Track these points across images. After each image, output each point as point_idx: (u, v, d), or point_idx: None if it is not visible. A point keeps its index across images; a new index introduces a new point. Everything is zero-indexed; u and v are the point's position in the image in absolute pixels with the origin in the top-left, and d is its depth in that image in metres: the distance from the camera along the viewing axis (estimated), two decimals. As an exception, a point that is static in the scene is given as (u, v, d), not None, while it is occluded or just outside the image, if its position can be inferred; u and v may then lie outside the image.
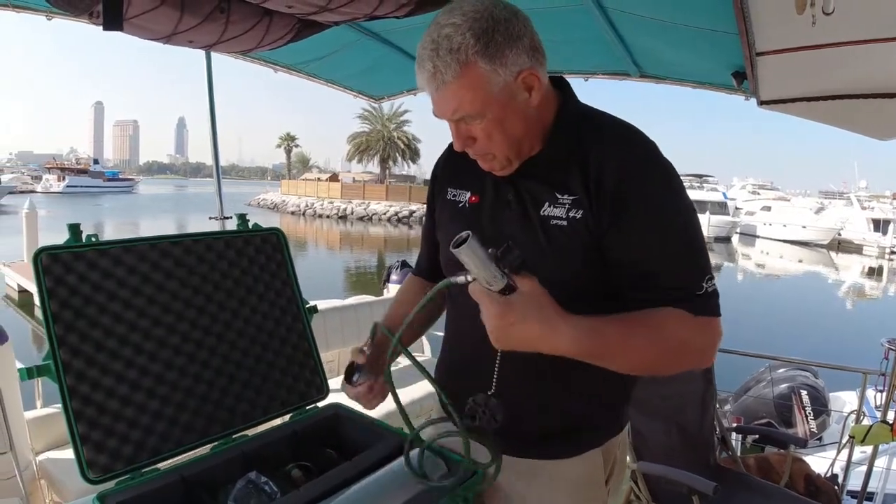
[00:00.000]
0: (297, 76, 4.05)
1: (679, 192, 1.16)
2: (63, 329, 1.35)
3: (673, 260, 1.14)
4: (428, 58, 1.10)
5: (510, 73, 1.11)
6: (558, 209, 1.19)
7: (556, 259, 1.19)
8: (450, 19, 1.09)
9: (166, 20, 1.92)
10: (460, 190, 1.39)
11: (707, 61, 3.25)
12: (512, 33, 1.10)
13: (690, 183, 44.03)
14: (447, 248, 1.22)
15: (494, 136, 1.17)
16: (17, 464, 2.38)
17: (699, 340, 1.16)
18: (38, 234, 16.45)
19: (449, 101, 1.13)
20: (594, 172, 1.15)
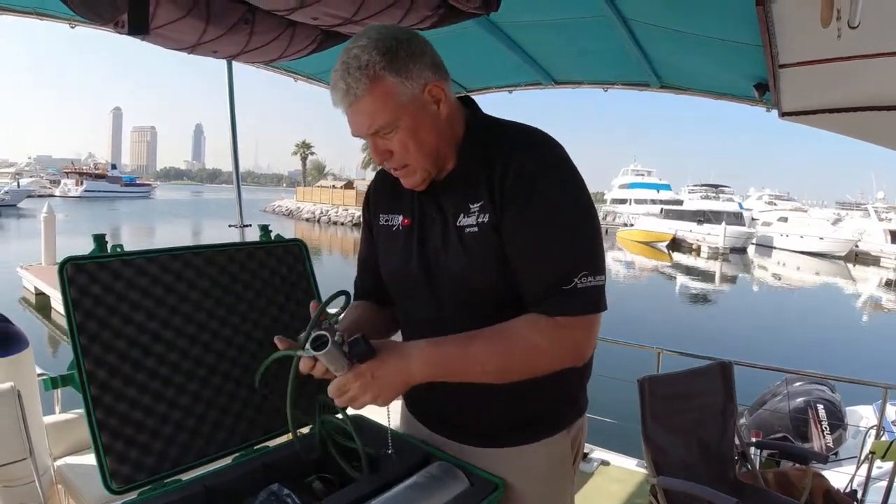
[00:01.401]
0: (318, 85, 4.07)
1: (571, 190, 1.23)
2: (87, 339, 1.35)
3: (543, 253, 1.21)
4: (340, 77, 1.19)
5: (417, 85, 1.21)
6: (470, 217, 1.28)
7: (476, 266, 1.28)
8: (357, 43, 1.20)
9: (191, 31, 1.93)
10: (392, 214, 1.46)
11: (729, 73, 3.23)
12: (414, 50, 1.21)
13: (706, 193, 43.80)
14: (389, 269, 1.47)
15: (410, 146, 1.25)
16: (35, 469, 2.39)
17: (553, 341, 1.20)
18: (55, 237, 16.65)
19: (363, 115, 1.21)
20: (498, 176, 1.24)
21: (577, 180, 1.25)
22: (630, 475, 3.53)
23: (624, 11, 2.75)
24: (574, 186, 1.23)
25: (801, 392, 5.62)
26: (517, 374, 1.25)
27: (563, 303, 1.18)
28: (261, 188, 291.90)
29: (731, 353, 3.36)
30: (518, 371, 1.25)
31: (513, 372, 1.25)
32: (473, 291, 1.30)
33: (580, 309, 1.19)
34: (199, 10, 1.85)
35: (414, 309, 1.45)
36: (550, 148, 1.27)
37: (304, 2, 1.61)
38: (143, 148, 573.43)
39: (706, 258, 35.67)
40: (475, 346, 1.21)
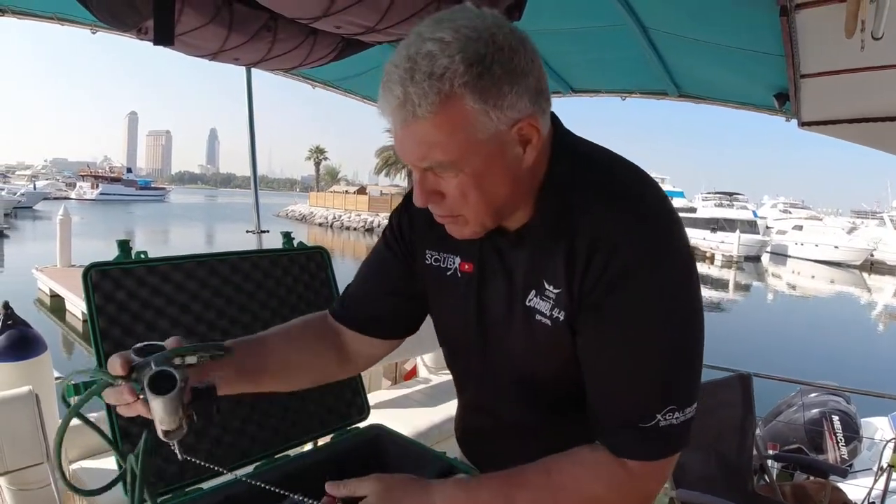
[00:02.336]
0: (335, 92, 4.10)
1: (674, 295, 0.91)
2: (111, 346, 1.36)
3: (624, 381, 0.93)
4: (398, 80, 0.83)
5: (505, 118, 0.85)
6: (543, 302, 0.99)
7: (541, 359, 1.04)
8: (436, 32, 0.82)
9: (214, 38, 1.94)
10: (445, 253, 1.14)
11: (749, 82, 3.22)
12: (516, 67, 0.84)
13: (720, 201, 43.60)
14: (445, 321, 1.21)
15: (470, 195, 0.91)
16: (52, 473, 2.40)
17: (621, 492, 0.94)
18: (71, 239, 16.81)
19: (418, 142, 0.87)
20: (580, 264, 0.92)
21: (684, 276, 0.92)
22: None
23: (644, 20, 2.74)
24: (680, 288, 0.92)
25: (817, 403, 5.56)
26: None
27: (638, 443, 0.91)
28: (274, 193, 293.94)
29: (744, 364, 3.34)
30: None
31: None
32: (533, 379, 1.07)
33: (658, 453, 0.92)
34: (223, 17, 1.86)
35: (464, 367, 1.25)
36: (656, 225, 0.92)
37: (328, 10, 1.61)
38: (158, 152, 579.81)
39: (720, 266, 35.51)
40: (519, 499, 0.95)
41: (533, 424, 1.14)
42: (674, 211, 0.96)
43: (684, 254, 0.93)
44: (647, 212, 0.93)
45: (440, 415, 3.33)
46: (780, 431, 5.48)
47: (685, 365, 0.93)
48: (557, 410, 1.08)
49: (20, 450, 2.31)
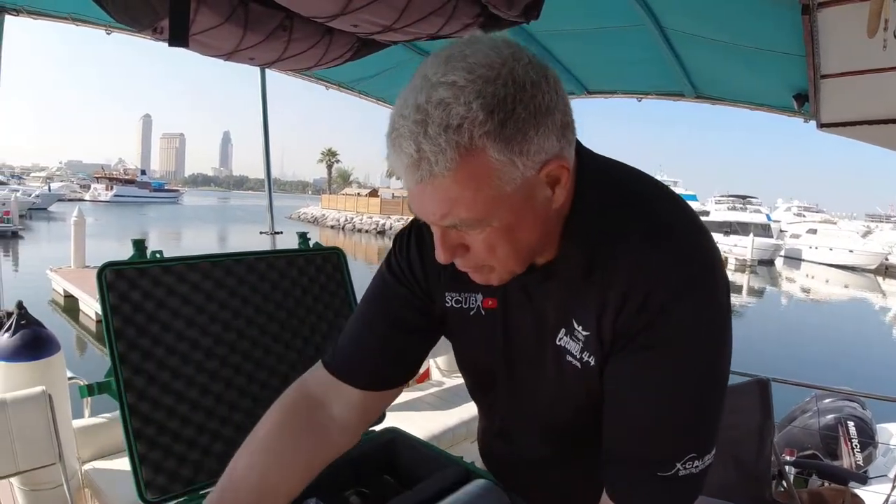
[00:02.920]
0: (348, 94, 4.09)
1: (696, 348, 0.83)
2: (125, 346, 1.35)
3: (645, 426, 0.86)
4: (409, 134, 0.71)
5: (533, 164, 0.74)
6: (573, 343, 0.92)
7: (570, 400, 0.97)
8: (447, 75, 0.71)
9: (230, 37, 1.93)
10: (467, 293, 1.05)
11: (767, 83, 3.19)
12: (540, 105, 0.73)
13: (733, 204, 43.39)
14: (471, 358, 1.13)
15: (499, 248, 0.82)
16: (64, 474, 2.39)
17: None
18: (85, 241, 16.94)
19: (438, 201, 0.75)
20: (611, 305, 0.85)
21: (714, 325, 0.84)
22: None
23: (662, 20, 2.72)
24: (714, 333, 0.84)
25: (832, 409, 5.51)
26: None
27: (656, 494, 0.86)
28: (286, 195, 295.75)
29: (758, 368, 3.29)
30: None
31: None
32: (560, 417, 1.02)
33: (674, 502, 0.87)
34: (238, 16, 1.85)
35: (490, 401, 1.19)
36: (693, 267, 0.84)
37: (345, 8, 1.60)
38: (171, 154, 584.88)
39: (733, 270, 35.26)
40: None
41: (556, 458, 1.09)
42: (713, 247, 0.88)
43: (722, 294, 0.85)
44: (685, 251, 0.85)
45: (454, 418, 3.31)
46: (795, 437, 5.42)
47: (711, 411, 0.86)
48: (582, 447, 1.01)
49: (33, 450, 2.31)
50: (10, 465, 2.26)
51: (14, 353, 2.64)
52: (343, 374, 1.08)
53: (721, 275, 0.86)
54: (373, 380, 1.08)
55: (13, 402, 2.30)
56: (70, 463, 2.62)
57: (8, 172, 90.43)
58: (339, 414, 1.09)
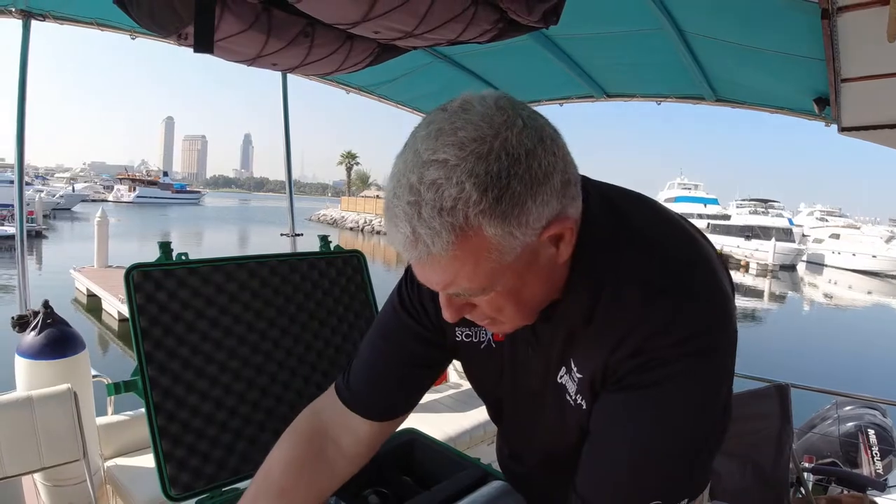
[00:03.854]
0: (368, 97, 4.12)
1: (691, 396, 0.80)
2: (151, 346, 1.38)
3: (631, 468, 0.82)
4: (404, 216, 0.70)
5: (533, 231, 0.72)
6: (571, 384, 0.92)
7: (572, 438, 0.94)
8: (437, 153, 0.69)
9: (253, 43, 1.96)
10: (476, 328, 1.05)
11: (788, 86, 3.17)
12: (537, 174, 0.70)
13: (755, 208, 42.97)
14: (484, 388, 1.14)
15: (505, 308, 0.82)
16: (88, 470, 2.44)
17: None
18: (108, 241, 17.17)
19: (439, 274, 0.75)
20: (606, 349, 0.83)
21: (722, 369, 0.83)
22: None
23: (681, 24, 2.72)
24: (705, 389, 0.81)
25: (852, 416, 5.45)
26: None
27: None
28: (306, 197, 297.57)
29: (779, 375, 3.27)
30: None
31: None
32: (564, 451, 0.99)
33: None
34: (261, 23, 1.88)
35: (504, 428, 1.22)
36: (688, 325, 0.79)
37: (367, 15, 1.62)
38: (193, 156, 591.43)
39: (754, 275, 34.92)
40: None
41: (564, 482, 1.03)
42: (726, 299, 0.84)
43: (725, 348, 0.82)
44: (694, 302, 0.80)
45: (470, 420, 3.32)
46: (815, 444, 5.38)
47: (703, 457, 0.83)
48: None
49: (57, 446, 2.35)
50: (34, 460, 2.31)
51: (40, 352, 2.69)
52: (356, 408, 1.11)
53: (729, 326, 0.83)
54: (384, 412, 1.12)
55: (39, 399, 2.35)
56: (93, 459, 2.67)
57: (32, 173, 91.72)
58: (347, 446, 1.12)
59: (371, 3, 1.55)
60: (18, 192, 3.00)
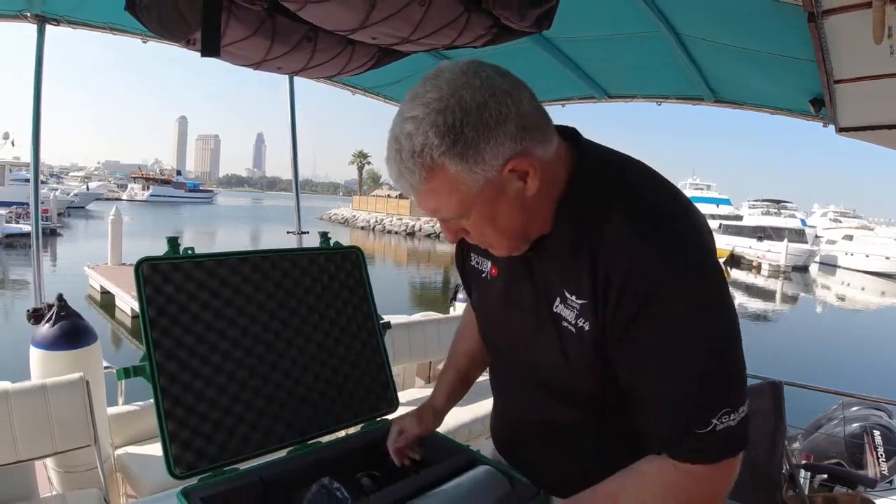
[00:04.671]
0: (374, 99, 4.20)
1: (698, 308, 0.93)
2: (159, 333, 1.46)
3: (674, 392, 0.95)
4: (393, 160, 0.94)
5: (491, 168, 0.91)
6: (568, 311, 1.04)
7: (570, 367, 1.07)
8: (411, 111, 0.91)
9: (258, 48, 2.05)
10: (482, 258, 1.28)
11: (784, 88, 3.22)
12: (488, 122, 0.89)
13: (767, 209, 42.71)
14: (478, 314, 1.36)
15: (486, 231, 1.01)
16: (98, 456, 2.53)
17: (682, 495, 0.98)
18: (122, 239, 17.36)
19: (424, 203, 0.99)
20: (601, 279, 0.96)
21: (710, 281, 0.95)
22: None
23: (677, 27, 2.78)
24: (706, 288, 0.94)
25: (858, 417, 5.45)
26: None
27: (699, 449, 0.94)
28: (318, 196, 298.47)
29: (789, 374, 3.31)
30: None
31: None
32: (559, 384, 1.13)
33: (719, 454, 0.94)
34: (266, 29, 1.96)
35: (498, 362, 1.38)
36: (673, 235, 0.95)
37: (364, 23, 1.70)
38: (206, 155, 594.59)
39: (766, 276, 34.72)
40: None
41: (554, 426, 1.21)
42: (698, 223, 0.99)
43: (708, 257, 0.96)
44: (666, 230, 0.95)
45: (469, 414, 3.38)
46: (820, 445, 5.38)
47: (730, 368, 0.95)
48: (579, 414, 1.15)
49: (69, 433, 2.45)
50: (47, 446, 2.41)
51: (54, 343, 2.80)
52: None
53: (705, 244, 0.97)
54: None
55: (52, 387, 2.45)
56: (104, 447, 2.77)
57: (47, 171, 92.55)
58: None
59: (367, 12, 1.63)
60: (34, 190, 3.10)
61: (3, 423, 2.30)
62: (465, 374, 1.58)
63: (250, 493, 1.42)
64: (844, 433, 5.26)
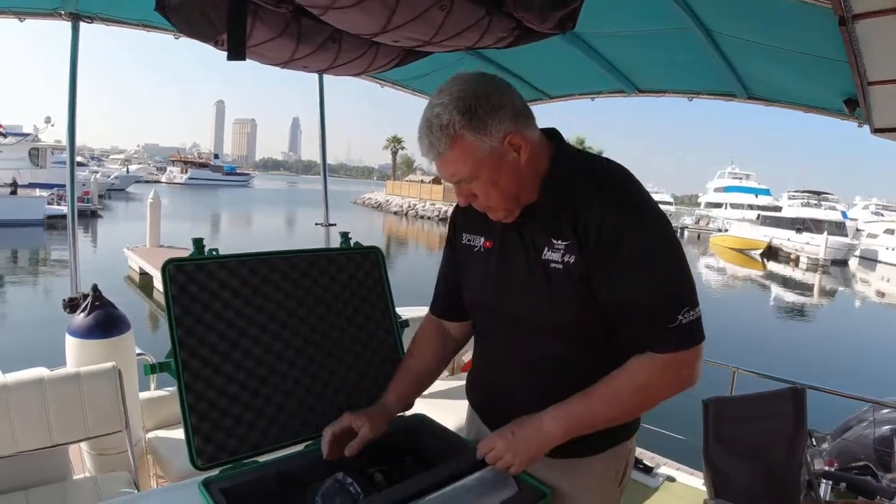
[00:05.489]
0: (403, 91, 4.22)
1: (659, 233, 1.29)
2: (184, 332, 1.52)
3: (645, 301, 1.28)
4: (424, 134, 1.29)
5: (496, 139, 1.27)
6: (555, 253, 1.34)
7: (558, 303, 1.35)
8: (439, 100, 1.27)
9: (284, 49, 2.09)
10: (475, 235, 1.57)
11: (817, 87, 3.15)
12: (493, 105, 1.26)
13: (807, 200, 41.71)
14: (469, 288, 1.58)
15: (491, 193, 1.34)
16: (129, 441, 2.63)
17: (664, 376, 1.30)
18: (160, 221, 17.70)
19: (446, 168, 1.32)
20: (581, 222, 1.29)
21: (661, 220, 1.32)
22: (694, 494, 3.46)
23: (707, 24, 2.74)
24: (660, 227, 1.30)
25: (888, 420, 5.32)
26: (638, 414, 1.45)
27: (670, 341, 1.27)
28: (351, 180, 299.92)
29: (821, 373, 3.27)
30: (638, 411, 1.42)
31: (632, 414, 1.42)
32: (548, 324, 1.39)
33: (686, 343, 1.27)
34: (291, 31, 2.00)
35: (488, 330, 1.58)
36: (630, 193, 1.32)
37: (385, 27, 1.72)
38: (243, 139, 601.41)
39: (804, 269, 33.99)
40: (597, 402, 1.33)
41: (535, 359, 1.45)
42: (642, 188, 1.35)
43: (654, 206, 1.32)
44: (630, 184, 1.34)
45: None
46: (849, 447, 5.27)
47: (686, 276, 1.30)
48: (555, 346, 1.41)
49: (101, 418, 2.55)
50: (81, 431, 2.51)
51: (88, 332, 2.89)
52: (440, 316, 1.76)
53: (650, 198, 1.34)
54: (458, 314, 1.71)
55: (86, 375, 2.55)
56: (135, 431, 2.87)
57: (88, 154, 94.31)
58: (450, 329, 1.76)
59: (388, 17, 1.65)
60: (70, 178, 3.18)
61: (39, 409, 2.40)
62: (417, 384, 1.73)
63: (267, 485, 1.48)
64: (874, 436, 5.15)
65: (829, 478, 3.27)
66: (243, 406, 1.57)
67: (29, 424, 2.39)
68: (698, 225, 56.29)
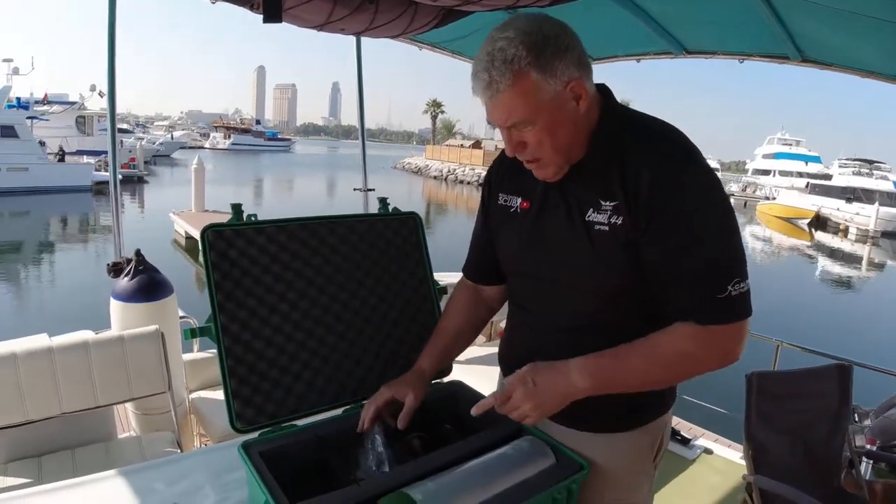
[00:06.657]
0: (442, 54, 4.15)
1: (711, 200, 1.20)
2: (223, 296, 1.53)
3: (696, 266, 1.20)
4: (483, 69, 1.18)
5: (560, 82, 1.18)
6: (601, 215, 1.26)
7: (601, 267, 1.28)
8: (503, 34, 1.17)
9: (320, 11, 2.06)
10: (511, 195, 1.48)
11: (877, 51, 3.00)
12: (561, 46, 1.17)
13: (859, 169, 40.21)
14: (504, 251, 1.52)
15: (544, 141, 1.24)
16: (172, 401, 2.70)
17: (710, 349, 1.23)
18: (204, 186, 18.02)
19: (503, 108, 1.21)
20: (631, 180, 1.21)
21: (715, 182, 1.22)
22: (731, 467, 3.41)
23: (761, -17, 2.61)
24: (715, 190, 1.21)
25: (937, 397, 5.18)
26: (672, 383, 1.41)
27: (717, 312, 1.19)
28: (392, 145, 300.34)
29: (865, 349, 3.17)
30: (673, 380, 1.38)
31: (668, 382, 1.38)
32: (589, 289, 1.32)
33: (735, 316, 1.20)
34: (329, -9, 1.97)
35: (523, 294, 1.51)
36: (686, 153, 1.22)
37: (426, -14, 1.68)
38: (284, 105, 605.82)
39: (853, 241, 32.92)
40: (632, 359, 1.27)
41: (573, 326, 1.38)
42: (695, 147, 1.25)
43: (709, 169, 1.23)
44: (684, 144, 1.24)
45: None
46: (890, 426, 5.14)
47: (737, 245, 1.21)
48: (596, 307, 1.34)
49: (146, 380, 2.62)
50: (125, 392, 2.59)
51: (132, 295, 2.96)
52: (474, 280, 1.72)
53: (703, 158, 1.23)
54: (490, 279, 1.67)
55: (130, 338, 2.61)
56: (178, 392, 2.94)
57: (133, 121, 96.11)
58: (485, 294, 1.72)
59: (428, -25, 1.61)
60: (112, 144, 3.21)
61: (84, 371, 2.48)
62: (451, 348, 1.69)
63: (306, 448, 1.49)
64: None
65: (870, 457, 3.19)
66: (281, 370, 1.58)
67: (75, 386, 2.47)
68: (745, 192, 54.90)
